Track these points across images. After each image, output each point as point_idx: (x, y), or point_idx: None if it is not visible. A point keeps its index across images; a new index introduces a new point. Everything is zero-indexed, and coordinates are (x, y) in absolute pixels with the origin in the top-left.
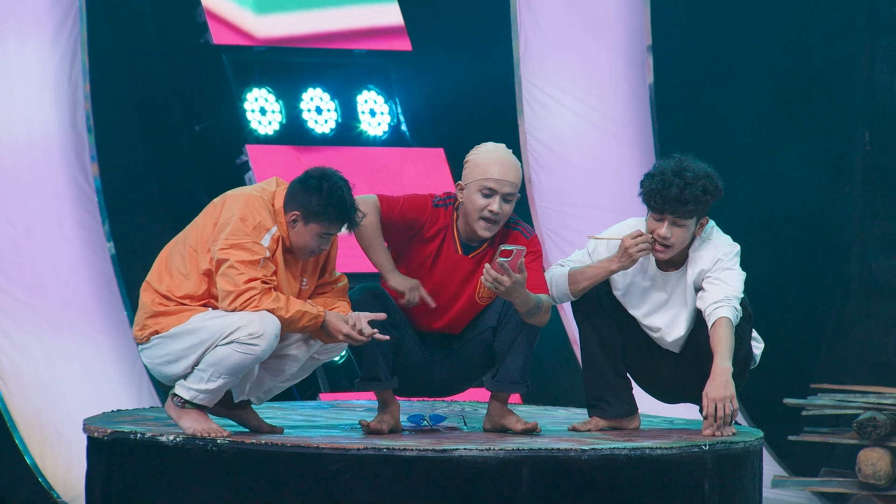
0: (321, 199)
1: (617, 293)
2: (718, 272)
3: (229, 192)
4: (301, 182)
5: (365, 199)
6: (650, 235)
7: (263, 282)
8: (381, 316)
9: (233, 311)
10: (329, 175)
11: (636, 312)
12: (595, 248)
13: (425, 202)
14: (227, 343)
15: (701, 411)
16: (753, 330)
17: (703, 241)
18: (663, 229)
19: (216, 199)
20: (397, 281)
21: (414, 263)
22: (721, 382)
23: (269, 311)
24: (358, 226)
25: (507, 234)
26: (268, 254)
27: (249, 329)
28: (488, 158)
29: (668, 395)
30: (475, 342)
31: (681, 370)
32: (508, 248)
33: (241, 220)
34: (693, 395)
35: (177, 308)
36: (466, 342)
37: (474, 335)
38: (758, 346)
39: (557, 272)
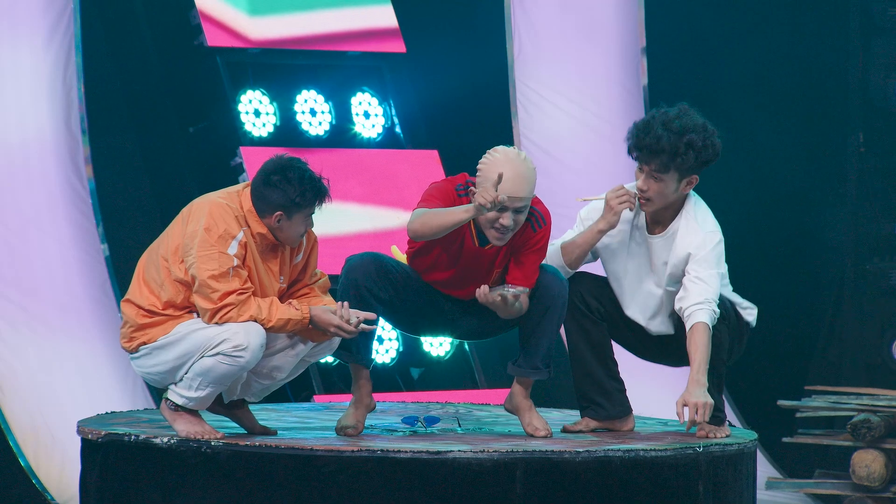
0: (295, 189)
1: (607, 258)
2: (698, 266)
3: (195, 201)
4: (265, 182)
5: (415, 215)
6: (633, 190)
7: (239, 293)
8: (371, 315)
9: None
10: (287, 163)
11: (615, 283)
12: (588, 213)
13: (448, 192)
14: (213, 354)
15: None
16: (743, 299)
17: (688, 216)
18: (640, 180)
19: (184, 209)
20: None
21: (439, 250)
22: (697, 394)
23: (251, 320)
24: (328, 194)
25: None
26: (236, 262)
27: (234, 341)
28: (500, 171)
29: (660, 359)
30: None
31: (669, 342)
32: (514, 290)
33: (205, 230)
34: (679, 357)
35: (162, 319)
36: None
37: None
38: (751, 312)
39: (550, 250)
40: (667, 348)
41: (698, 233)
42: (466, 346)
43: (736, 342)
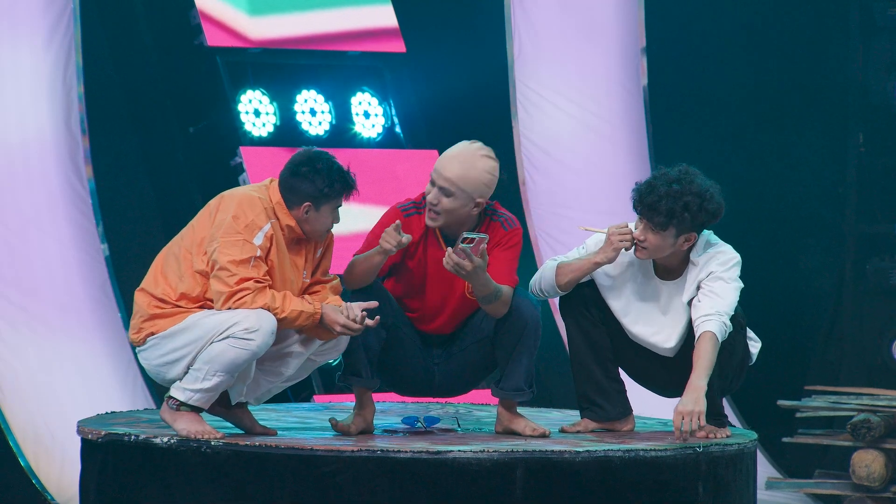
0: (324, 180)
1: (609, 296)
2: (713, 282)
3: (226, 192)
4: (293, 173)
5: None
6: (627, 230)
7: (256, 281)
8: (374, 304)
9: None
10: (316, 155)
11: (624, 320)
12: (596, 244)
13: (395, 217)
14: (223, 339)
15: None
16: (749, 330)
17: (703, 250)
18: (639, 230)
19: (212, 200)
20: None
21: (407, 273)
22: (691, 399)
23: (264, 309)
24: (356, 187)
25: (489, 224)
26: (259, 252)
27: (245, 324)
28: (447, 151)
29: (662, 389)
30: (474, 348)
31: (675, 368)
32: (471, 235)
33: (233, 218)
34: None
35: (173, 310)
36: (466, 347)
37: (473, 341)
38: (755, 345)
39: (548, 265)
40: (666, 369)
41: (716, 257)
42: None
43: (737, 373)
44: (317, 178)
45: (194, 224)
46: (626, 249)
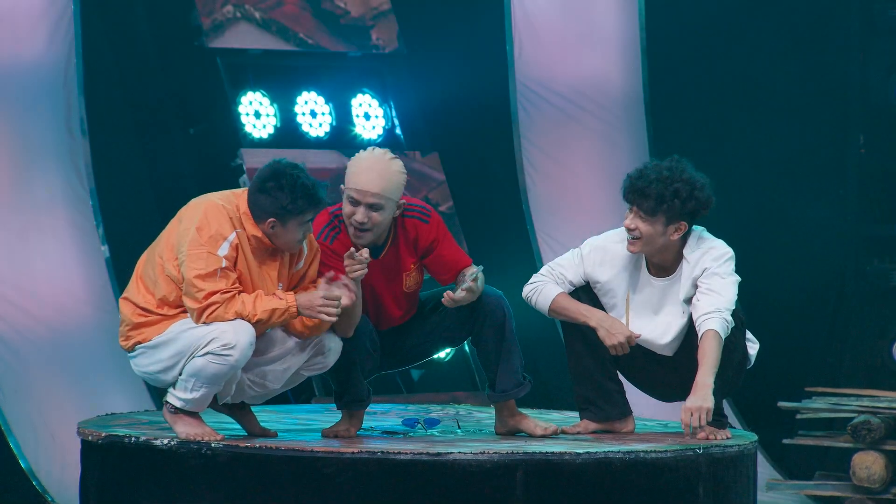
0: (286, 197)
1: (604, 297)
2: (709, 279)
3: (192, 201)
4: (259, 189)
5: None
6: (634, 338)
7: (224, 292)
8: (340, 293)
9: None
10: (282, 170)
11: (621, 320)
12: (590, 251)
13: (323, 249)
14: (203, 354)
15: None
16: (748, 331)
17: (695, 246)
18: (628, 219)
19: (181, 208)
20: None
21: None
22: (699, 396)
23: (237, 317)
24: (326, 199)
25: (403, 224)
26: (224, 263)
27: (222, 340)
28: (357, 166)
29: (661, 393)
30: (428, 346)
31: (674, 371)
32: (470, 271)
33: (197, 230)
34: (687, 393)
35: (156, 318)
36: (418, 344)
37: (426, 340)
38: (753, 347)
39: (546, 289)
40: (665, 370)
41: (709, 253)
42: (466, 348)
43: (736, 373)
44: (280, 195)
45: (165, 231)
46: (619, 353)
